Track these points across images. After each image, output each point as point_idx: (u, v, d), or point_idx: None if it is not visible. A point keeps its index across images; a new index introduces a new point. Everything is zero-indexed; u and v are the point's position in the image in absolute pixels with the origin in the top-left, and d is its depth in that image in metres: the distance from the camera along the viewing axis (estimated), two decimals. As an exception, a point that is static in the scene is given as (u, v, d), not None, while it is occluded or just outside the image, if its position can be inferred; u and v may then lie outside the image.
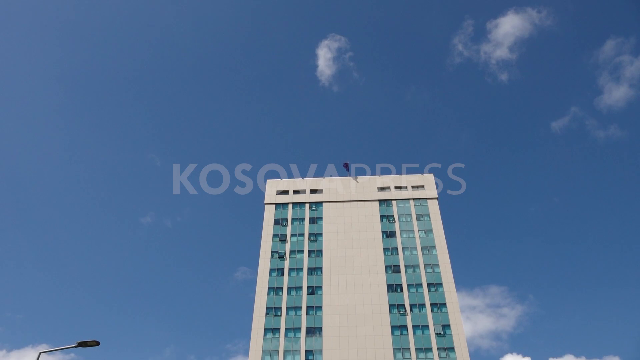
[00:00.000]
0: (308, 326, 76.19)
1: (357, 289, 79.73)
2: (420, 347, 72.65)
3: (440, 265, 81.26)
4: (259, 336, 75.47)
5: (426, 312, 76.18)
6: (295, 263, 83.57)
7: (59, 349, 17.94)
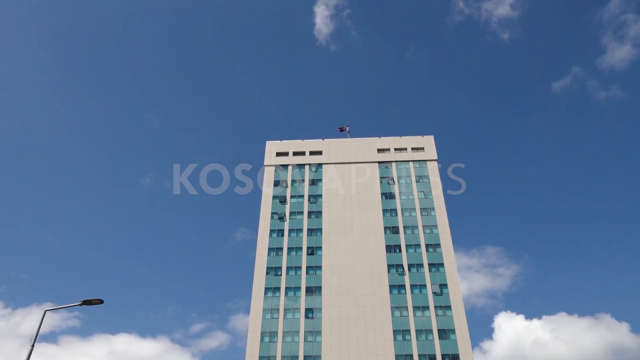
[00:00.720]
0: (308, 285, 77.63)
1: (356, 249, 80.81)
2: (417, 306, 74.25)
3: (439, 227, 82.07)
4: (260, 295, 76.99)
5: (424, 271, 77.47)
6: (295, 224, 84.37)
7: (64, 307, 18.33)
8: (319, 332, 73.03)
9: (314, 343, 72.00)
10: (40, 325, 16.91)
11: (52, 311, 17.98)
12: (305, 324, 73.84)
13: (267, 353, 71.48)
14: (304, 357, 70.81)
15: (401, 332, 71.99)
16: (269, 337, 72.98)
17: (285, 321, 74.36)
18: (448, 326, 72.01)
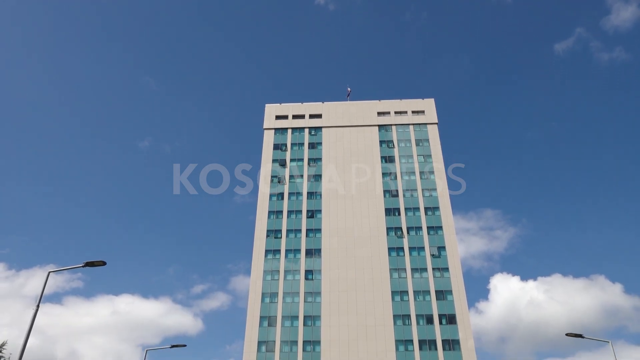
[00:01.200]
0: (308, 248, 78.62)
1: (355, 212, 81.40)
2: (415, 268, 75.40)
3: (438, 190, 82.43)
4: (260, 257, 78.06)
5: (422, 234, 78.29)
6: (295, 187, 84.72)
7: (67, 268, 18.62)
8: (318, 293, 74.42)
9: (313, 304, 73.49)
10: (45, 286, 17.22)
11: (55, 273, 18.30)
12: (305, 285, 75.16)
13: (268, 313, 73.04)
14: (304, 317, 72.40)
15: (399, 293, 73.36)
16: (269, 298, 74.42)
17: (286, 282, 75.66)
18: (445, 287, 73.32)
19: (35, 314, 16.25)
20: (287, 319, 72.48)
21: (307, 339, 70.62)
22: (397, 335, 69.89)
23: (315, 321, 72.03)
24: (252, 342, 70.63)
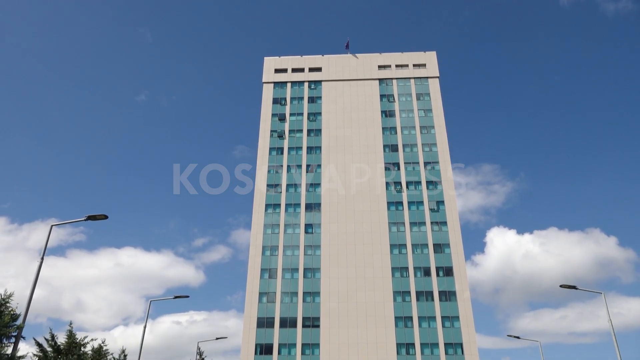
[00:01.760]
0: (307, 202, 79.22)
1: (355, 166, 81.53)
2: (414, 221, 76.28)
3: (438, 145, 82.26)
4: (261, 211, 78.79)
5: (421, 189, 78.74)
6: (295, 142, 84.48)
7: (69, 222, 18.82)
8: (318, 246, 75.59)
9: (313, 256, 74.79)
10: (48, 239, 17.47)
11: (58, 226, 18.51)
12: (305, 239, 76.25)
13: (269, 266, 74.45)
14: (303, 269, 73.86)
15: (397, 247, 74.55)
16: (270, 251, 75.67)
17: (286, 236, 76.70)
18: (443, 241, 74.43)
19: (40, 266, 16.56)
20: (288, 271, 73.95)
21: (307, 290, 72.30)
22: (395, 286, 71.50)
23: (315, 273, 73.52)
24: (254, 294, 72.35)
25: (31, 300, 15.80)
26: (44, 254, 16.82)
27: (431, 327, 68.57)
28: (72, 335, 28.51)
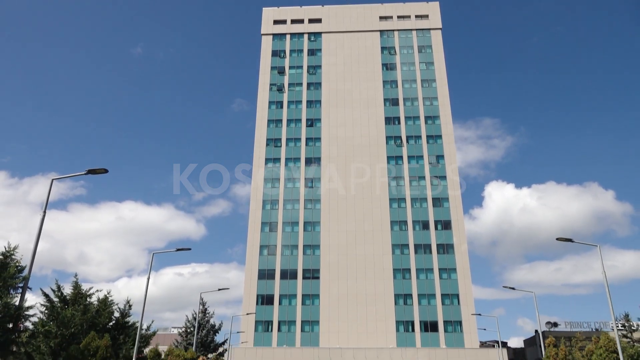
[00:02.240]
0: (307, 156, 79.24)
1: (355, 121, 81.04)
2: (414, 176, 76.55)
3: (439, 98, 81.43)
4: (261, 165, 78.94)
5: (422, 143, 78.56)
6: (294, 96, 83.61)
7: (70, 175, 18.91)
8: (318, 200, 76.17)
9: (313, 210, 75.50)
10: (49, 193, 17.58)
11: (58, 180, 18.58)
12: (305, 193, 76.76)
13: (269, 219, 75.30)
14: (304, 223, 74.73)
15: (397, 201, 75.12)
16: (270, 205, 76.32)
17: (286, 190, 77.18)
18: (442, 195, 74.95)
19: (43, 220, 16.75)
20: (288, 224, 74.85)
21: (307, 243, 73.43)
22: (394, 240, 72.56)
23: (315, 227, 74.44)
24: (254, 246, 73.53)
25: (35, 253, 16.08)
26: (45, 207, 16.98)
27: (429, 278, 70.08)
28: (78, 287, 29.16)
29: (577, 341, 53.45)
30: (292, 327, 68.87)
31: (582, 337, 54.66)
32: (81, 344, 19.32)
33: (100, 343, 19.38)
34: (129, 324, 30.68)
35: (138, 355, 24.87)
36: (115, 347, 21.84)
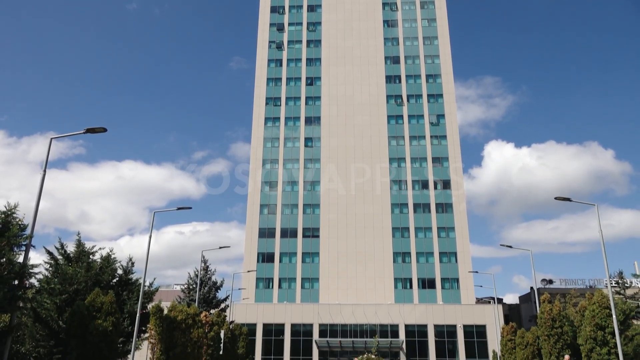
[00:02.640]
0: (307, 115, 78.74)
1: (355, 79, 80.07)
2: (414, 135, 76.30)
3: (441, 57, 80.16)
4: (260, 124, 78.53)
5: (422, 102, 77.91)
6: (294, 53, 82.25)
7: (69, 134, 18.84)
8: (317, 159, 76.20)
9: (313, 170, 75.65)
10: (49, 152, 17.57)
11: (57, 139, 18.53)
12: (304, 152, 76.69)
13: (269, 179, 75.55)
14: (303, 182, 75.02)
15: (397, 160, 75.16)
16: (270, 164, 76.41)
17: (286, 149, 77.08)
18: (442, 154, 74.93)
19: (43, 179, 16.79)
20: (288, 184, 75.16)
21: (307, 202, 73.93)
22: (393, 199, 73.02)
23: (314, 186, 74.77)
24: (255, 205, 74.08)
25: (37, 211, 16.20)
26: (45, 166, 17.00)
27: (427, 237, 70.96)
28: (81, 245, 29.53)
29: (571, 298, 54.68)
30: (292, 284, 70.25)
31: (577, 294, 55.87)
32: (86, 300, 19.72)
33: (105, 299, 19.79)
34: (132, 281, 31.26)
35: (142, 310, 25.45)
36: (119, 303, 22.36)
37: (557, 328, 24.80)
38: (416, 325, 64.10)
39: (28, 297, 15.43)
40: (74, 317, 19.00)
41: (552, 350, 24.56)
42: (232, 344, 34.47)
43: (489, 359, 56.66)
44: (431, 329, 63.78)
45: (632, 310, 33.17)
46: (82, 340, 18.32)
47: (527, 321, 70.66)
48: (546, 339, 25.04)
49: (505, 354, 33.22)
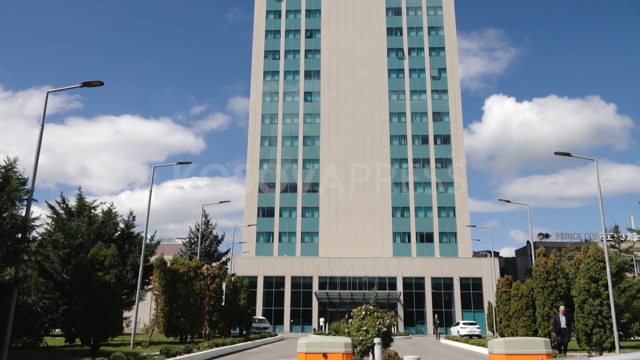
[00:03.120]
0: (306, 69, 77.57)
1: (356, 32, 78.37)
2: (415, 89, 75.46)
3: (444, 8, 78.15)
4: (259, 78, 77.49)
5: (424, 55, 76.58)
6: (293, 4, 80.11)
7: (65, 88, 18.59)
8: (317, 114, 75.65)
9: (312, 124, 75.23)
10: (46, 106, 17.41)
11: (53, 93, 18.31)
12: (304, 107, 76.04)
13: (268, 133, 75.24)
14: (303, 137, 74.75)
15: (397, 115, 74.63)
16: (269, 119, 75.92)
17: (285, 104, 76.39)
18: (443, 109, 74.33)
19: (41, 133, 16.71)
20: (287, 139, 74.91)
21: (307, 157, 73.93)
22: (393, 154, 73.00)
23: (314, 141, 74.56)
24: (254, 160, 74.12)
25: (37, 166, 16.22)
26: (43, 120, 16.87)
27: (426, 192, 71.39)
28: (82, 199, 29.71)
29: (566, 251, 55.56)
30: (292, 238, 71.23)
31: (572, 248, 56.74)
32: (89, 253, 20.04)
33: (108, 252, 20.09)
34: (134, 234, 31.65)
35: (144, 264, 25.91)
36: (121, 257, 22.73)
37: (552, 280, 25.33)
38: (414, 278, 65.47)
39: (31, 250, 15.65)
40: (77, 270, 19.34)
41: (546, 302, 25.18)
42: (233, 295, 35.29)
43: (484, 309, 58.19)
44: (428, 281, 65.19)
45: (626, 263, 33.82)
46: (86, 292, 18.73)
47: (522, 274, 72.18)
48: (540, 290, 25.61)
49: (500, 305, 34.09)
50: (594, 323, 21.45)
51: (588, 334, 21.70)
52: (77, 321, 18.87)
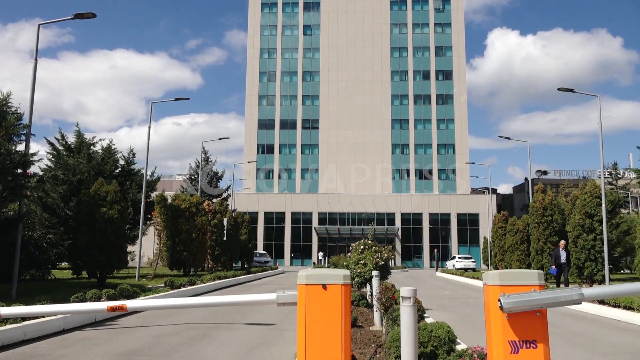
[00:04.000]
0: (306, 0, 74.96)
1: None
2: (417, 23, 73.25)
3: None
4: (257, 10, 75.03)
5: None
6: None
7: (57, 20, 18.00)
8: (317, 48, 73.84)
9: (312, 59, 73.62)
10: (38, 40, 16.93)
11: (44, 26, 17.73)
12: (303, 41, 74.11)
13: (267, 69, 73.79)
14: (302, 72, 73.38)
15: (398, 49, 72.88)
16: (268, 54, 74.20)
17: (284, 38, 74.40)
18: (445, 43, 72.49)
19: (35, 68, 16.35)
20: (286, 74, 73.57)
21: (306, 93, 72.94)
22: (394, 90, 71.97)
23: (314, 77, 73.28)
24: (253, 97, 73.17)
25: (33, 101, 16.00)
26: (36, 54, 16.45)
27: (426, 128, 71.03)
28: (81, 135, 29.54)
29: (564, 188, 56.05)
30: (292, 174, 71.64)
31: (570, 184, 57.19)
32: (91, 189, 20.18)
33: (109, 188, 20.22)
34: (134, 171, 31.73)
35: (146, 199, 26.15)
36: (122, 193, 22.90)
37: (548, 216, 25.71)
38: (412, 214, 66.50)
39: (32, 185, 15.72)
40: (81, 205, 19.57)
41: (541, 237, 25.70)
42: (235, 230, 35.95)
43: (480, 244, 59.54)
44: (426, 217, 66.27)
45: (621, 200, 34.27)
46: (91, 227, 19.05)
47: (518, 210, 73.22)
48: (536, 226, 26.07)
49: (496, 240, 34.82)
50: (587, 257, 22.00)
51: (580, 267, 22.31)
52: (83, 255, 19.32)
